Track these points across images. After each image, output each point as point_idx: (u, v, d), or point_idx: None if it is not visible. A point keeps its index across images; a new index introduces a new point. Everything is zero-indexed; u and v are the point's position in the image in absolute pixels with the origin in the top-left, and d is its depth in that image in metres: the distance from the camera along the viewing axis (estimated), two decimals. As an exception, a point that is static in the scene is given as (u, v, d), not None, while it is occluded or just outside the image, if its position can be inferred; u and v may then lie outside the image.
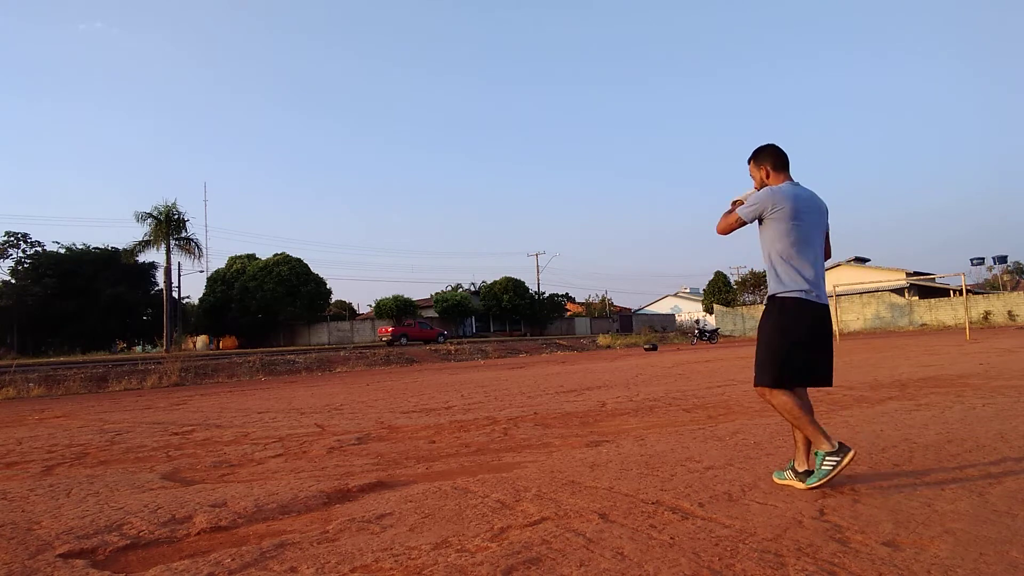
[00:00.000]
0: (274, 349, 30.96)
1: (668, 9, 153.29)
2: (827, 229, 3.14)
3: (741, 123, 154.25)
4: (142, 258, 39.68)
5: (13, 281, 37.97)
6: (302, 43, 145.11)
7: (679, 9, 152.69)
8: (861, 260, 47.41)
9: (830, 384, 3.03)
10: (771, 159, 3.11)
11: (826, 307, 3.00)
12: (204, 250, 37.29)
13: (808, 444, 2.94)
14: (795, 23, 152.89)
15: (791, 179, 3.09)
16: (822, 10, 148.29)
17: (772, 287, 3.03)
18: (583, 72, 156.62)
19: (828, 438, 2.80)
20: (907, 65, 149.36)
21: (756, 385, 3.02)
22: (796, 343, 2.91)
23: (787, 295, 2.93)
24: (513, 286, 53.09)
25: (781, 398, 2.88)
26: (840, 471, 2.78)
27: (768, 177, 3.11)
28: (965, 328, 24.29)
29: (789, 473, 3.01)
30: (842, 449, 2.77)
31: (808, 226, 2.97)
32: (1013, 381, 7.22)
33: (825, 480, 2.79)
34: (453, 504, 2.95)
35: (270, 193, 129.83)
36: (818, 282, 2.95)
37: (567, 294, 66.04)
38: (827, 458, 2.78)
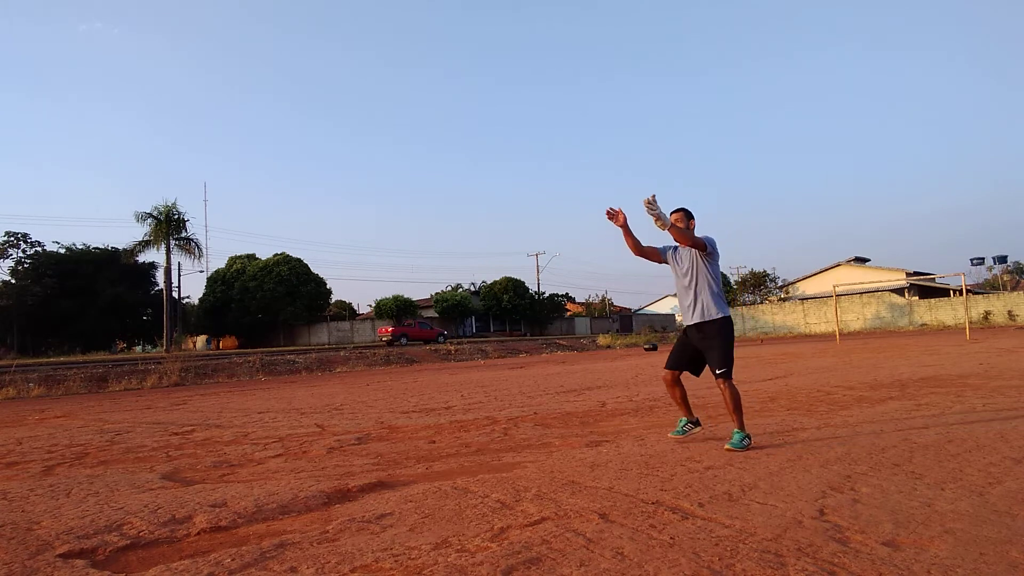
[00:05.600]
0: (274, 349, 30.94)
1: (669, 9, 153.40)
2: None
3: (742, 122, 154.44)
4: (142, 258, 39.72)
5: (13, 281, 37.93)
6: (303, 43, 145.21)
7: (680, 9, 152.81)
8: (861, 260, 47.42)
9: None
10: (692, 217, 4.26)
11: None
12: (204, 250, 37.25)
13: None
14: (796, 21, 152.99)
15: None
16: (824, 9, 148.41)
17: (724, 309, 4.11)
18: (584, 72, 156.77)
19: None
20: (908, 65, 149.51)
21: (729, 377, 4.04)
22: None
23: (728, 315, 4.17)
24: (513, 286, 53.07)
25: (734, 386, 4.08)
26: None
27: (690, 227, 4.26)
28: (965, 328, 24.29)
29: (689, 426, 4.42)
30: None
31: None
32: (1013, 381, 7.22)
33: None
34: (453, 504, 2.95)
35: (270, 193, 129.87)
36: None
37: (567, 294, 66.04)
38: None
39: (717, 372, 4.01)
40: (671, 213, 4.18)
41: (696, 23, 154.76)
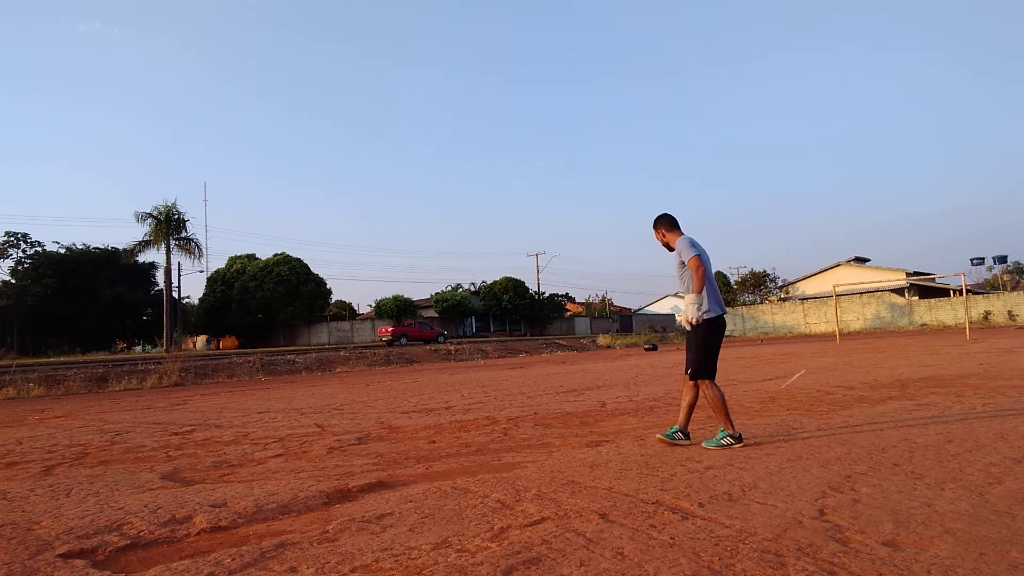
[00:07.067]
0: (274, 349, 30.94)
1: (670, 9, 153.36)
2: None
3: (741, 121, 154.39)
4: (142, 258, 39.72)
5: (13, 281, 37.95)
6: (302, 43, 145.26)
7: (681, 9, 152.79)
8: (861, 260, 47.42)
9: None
10: (666, 223, 4.24)
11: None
12: (204, 250, 37.28)
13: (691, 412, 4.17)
14: (797, 21, 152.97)
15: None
16: (825, 8, 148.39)
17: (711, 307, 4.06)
18: (583, 72, 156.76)
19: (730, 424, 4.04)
20: (909, 65, 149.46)
21: (697, 379, 4.03)
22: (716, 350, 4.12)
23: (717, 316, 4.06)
24: (513, 286, 53.06)
25: (713, 389, 3.98)
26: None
27: (664, 236, 4.24)
28: (965, 328, 24.30)
29: (680, 435, 4.18)
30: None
31: (708, 264, 4.11)
32: (1013, 381, 7.22)
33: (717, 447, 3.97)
34: (453, 504, 2.95)
35: (270, 193, 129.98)
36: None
37: (567, 294, 66.09)
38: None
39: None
40: (656, 228, 4.31)
41: (697, 23, 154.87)
